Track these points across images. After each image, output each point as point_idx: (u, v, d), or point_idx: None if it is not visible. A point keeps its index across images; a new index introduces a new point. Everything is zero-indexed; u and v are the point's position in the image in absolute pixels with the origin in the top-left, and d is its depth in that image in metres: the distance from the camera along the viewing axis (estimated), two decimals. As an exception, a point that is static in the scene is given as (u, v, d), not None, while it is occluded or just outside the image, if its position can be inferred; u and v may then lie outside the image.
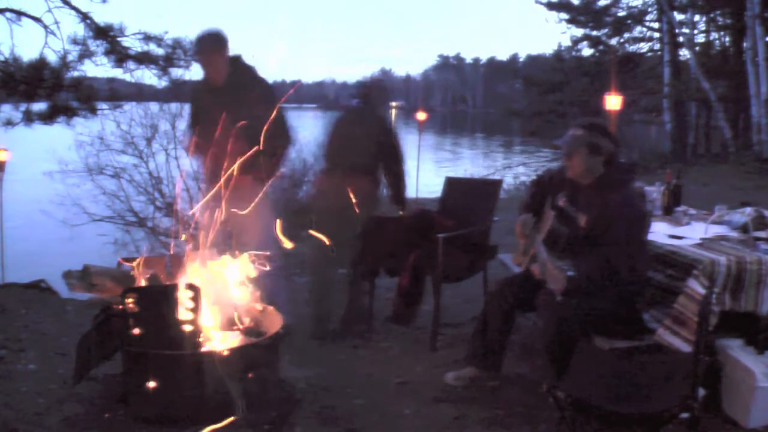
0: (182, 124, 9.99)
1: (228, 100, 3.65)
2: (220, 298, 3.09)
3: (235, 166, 3.63)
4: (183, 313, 2.74)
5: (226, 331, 3.06)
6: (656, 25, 17.00)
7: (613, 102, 10.05)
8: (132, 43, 7.45)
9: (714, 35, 16.95)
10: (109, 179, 9.83)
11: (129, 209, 9.86)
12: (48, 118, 7.25)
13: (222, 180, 3.74)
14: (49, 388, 3.11)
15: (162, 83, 7.86)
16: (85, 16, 7.18)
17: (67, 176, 9.80)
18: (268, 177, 3.90)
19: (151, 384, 2.72)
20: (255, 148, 3.72)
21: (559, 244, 2.97)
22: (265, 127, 3.72)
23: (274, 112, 3.85)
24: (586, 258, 2.86)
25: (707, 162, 13.75)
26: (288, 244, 3.27)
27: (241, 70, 3.81)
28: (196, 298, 2.74)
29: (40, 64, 6.89)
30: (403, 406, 3.08)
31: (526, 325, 3.66)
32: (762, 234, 3.18)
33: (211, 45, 3.77)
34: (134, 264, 3.20)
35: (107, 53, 7.35)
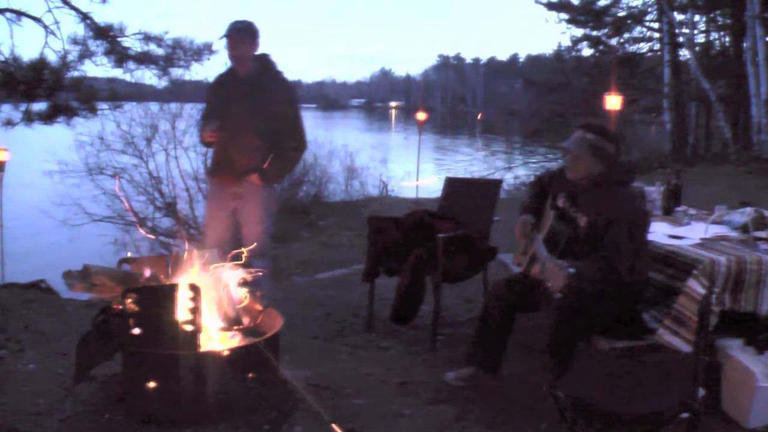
0: (182, 124, 10.02)
1: (248, 94, 3.65)
2: (220, 298, 3.08)
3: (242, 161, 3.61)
4: (183, 313, 2.74)
5: (226, 331, 3.06)
6: (656, 25, 17.01)
7: (613, 102, 10.06)
8: (132, 44, 7.47)
9: (714, 35, 17.00)
10: (109, 179, 9.86)
11: (129, 209, 9.89)
12: (48, 118, 7.26)
13: (226, 173, 3.74)
14: (49, 388, 3.11)
15: (162, 83, 7.88)
16: (85, 16, 7.19)
17: (67, 176, 9.83)
18: (274, 178, 3.87)
19: (151, 384, 2.72)
20: (266, 146, 3.71)
21: (560, 245, 2.97)
22: (280, 128, 3.72)
23: (292, 115, 3.82)
24: (586, 258, 2.87)
25: (707, 162, 13.73)
26: None
27: (266, 68, 3.80)
28: (196, 298, 2.74)
29: (40, 64, 6.89)
30: (403, 406, 3.07)
31: (526, 325, 3.66)
32: (762, 234, 3.18)
33: (240, 32, 3.73)
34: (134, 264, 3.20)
35: (107, 53, 7.36)
